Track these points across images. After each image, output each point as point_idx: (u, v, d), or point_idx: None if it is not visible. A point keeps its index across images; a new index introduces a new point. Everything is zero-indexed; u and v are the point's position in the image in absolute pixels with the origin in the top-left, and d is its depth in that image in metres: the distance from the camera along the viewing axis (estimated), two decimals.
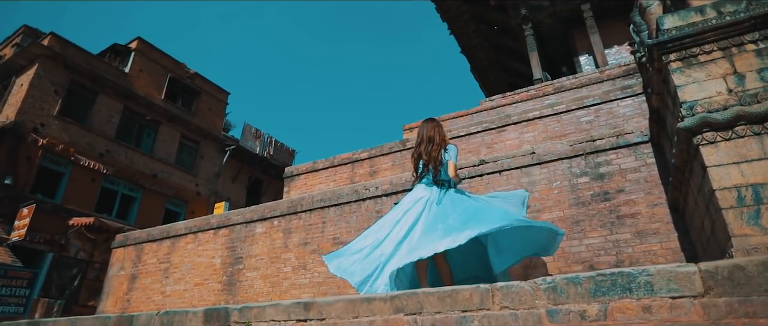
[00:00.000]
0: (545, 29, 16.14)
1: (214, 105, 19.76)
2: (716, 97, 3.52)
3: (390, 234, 3.45)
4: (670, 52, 3.76)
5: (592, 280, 1.84)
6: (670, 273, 1.73)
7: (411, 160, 3.93)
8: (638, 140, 5.45)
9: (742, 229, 3.16)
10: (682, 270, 1.72)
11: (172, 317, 2.92)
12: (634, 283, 1.77)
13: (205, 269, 8.24)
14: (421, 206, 3.54)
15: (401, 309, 2.19)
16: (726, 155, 3.35)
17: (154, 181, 16.99)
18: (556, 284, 1.91)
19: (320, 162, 10.59)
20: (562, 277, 1.92)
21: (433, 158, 3.66)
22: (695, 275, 1.69)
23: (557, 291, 1.90)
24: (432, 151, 3.69)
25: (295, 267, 7.22)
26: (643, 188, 5.26)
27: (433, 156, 3.69)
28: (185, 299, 8.28)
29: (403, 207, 3.59)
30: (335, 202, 7.29)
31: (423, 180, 3.73)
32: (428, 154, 3.69)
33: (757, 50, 3.52)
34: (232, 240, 8.11)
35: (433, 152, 3.68)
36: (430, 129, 3.74)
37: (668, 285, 1.72)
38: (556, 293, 1.90)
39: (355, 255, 3.53)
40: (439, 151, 3.66)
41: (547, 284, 1.93)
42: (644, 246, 5.06)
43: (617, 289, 1.78)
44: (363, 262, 3.45)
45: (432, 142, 3.65)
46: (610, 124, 7.95)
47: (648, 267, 1.78)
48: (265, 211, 7.93)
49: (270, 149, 21.74)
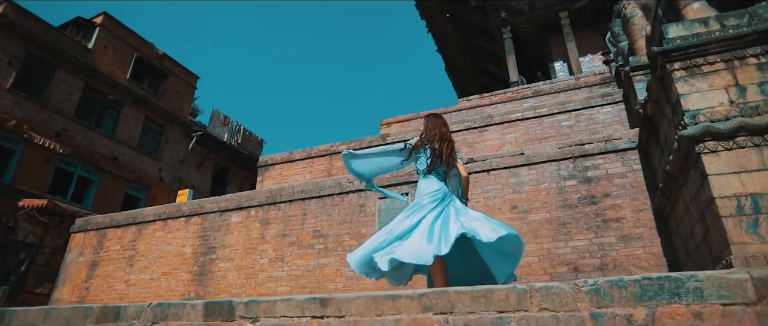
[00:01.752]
0: (522, 33, 16.40)
1: (182, 88, 18.99)
2: (718, 108, 3.60)
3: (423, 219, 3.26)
4: (674, 60, 3.82)
5: (638, 284, 1.80)
6: (721, 280, 1.71)
7: (415, 150, 3.74)
8: (626, 146, 5.56)
9: (741, 237, 3.24)
10: (733, 278, 1.70)
11: (166, 310, 2.71)
12: (682, 288, 1.74)
13: (175, 258, 7.87)
14: (442, 197, 3.43)
15: (430, 307, 2.09)
16: (727, 164, 3.43)
17: (115, 164, 16.16)
18: (599, 286, 1.86)
19: (297, 152, 10.35)
20: (605, 280, 1.87)
21: (448, 156, 3.56)
22: (747, 282, 1.68)
23: (600, 294, 1.85)
24: (448, 150, 3.59)
25: (273, 259, 7.00)
26: (629, 193, 5.37)
27: (449, 155, 3.59)
28: (151, 289, 7.89)
29: (428, 198, 3.40)
30: (317, 194, 7.11)
31: (433, 174, 3.62)
32: (445, 153, 3.58)
33: (759, 64, 3.62)
34: (205, 229, 7.78)
35: (449, 150, 3.59)
36: (442, 126, 3.64)
37: (718, 291, 1.70)
38: (599, 296, 1.85)
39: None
40: (453, 150, 3.58)
41: (589, 286, 1.88)
42: (628, 250, 5.17)
43: (665, 294, 1.75)
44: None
45: (446, 140, 3.56)
46: (589, 129, 8.12)
47: (697, 273, 1.75)
48: (241, 200, 7.65)
49: (238, 137, 21.14)
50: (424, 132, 3.62)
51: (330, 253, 6.65)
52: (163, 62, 18.41)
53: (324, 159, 10.02)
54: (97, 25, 16.60)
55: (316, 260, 6.69)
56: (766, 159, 3.36)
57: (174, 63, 18.89)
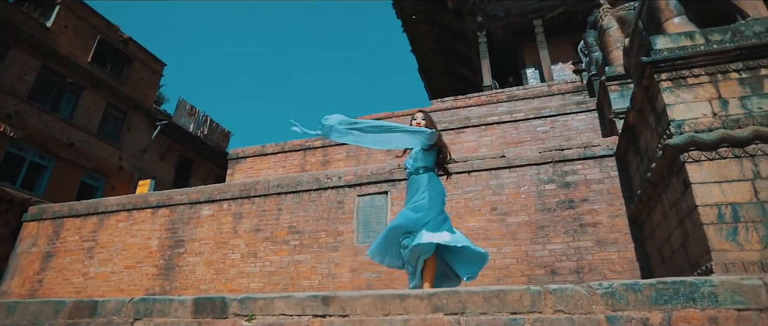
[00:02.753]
0: (497, 39, 16.65)
1: (147, 75, 18.20)
2: (702, 119, 3.73)
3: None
4: (662, 71, 3.93)
5: (653, 288, 1.81)
6: (735, 285, 1.74)
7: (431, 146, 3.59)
8: (604, 153, 5.70)
9: (721, 244, 3.36)
10: (747, 283, 1.73)
11: (150, 305, 2.54)
12: (697, 293, 1.76)
13: (139, 251, 7.52)
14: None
15: (440, 308, 2.04)
16: (709, 174, 3.55)
17: (71, 151, 15.31)
18: (614, 289, 1.86)
19: (270, 146, 10.12)
20: (620, 283, 1.87)
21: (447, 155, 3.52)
22: (761, 288, 1.71)
23: (616, 297, 1.85)
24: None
25: (245, 254, 6.79)
26: (606, 199, 5.51)
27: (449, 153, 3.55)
28: (112, 283, 7.51)
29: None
30: (294, 189, 6.95)
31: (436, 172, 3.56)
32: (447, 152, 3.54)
33: (740, 79, 3.77)
34: (173, 222, 7.47)
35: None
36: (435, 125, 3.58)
37: (733, 297, 1.73)
38: (615, 299, 1.85)
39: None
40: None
41: (604, 289, 1.88)
42: (603, 254, 5.30)
43: (680, 298, 1.77)
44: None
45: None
46: (564, 135, 8.31)
47: (711, 278, 1.78)
48: (213, 193, 7.38)
49: (204, 128, 20.49)
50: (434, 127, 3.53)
51: (305, 250, 6.52)
52: (128, 47, 17.62)
53: (298, 153, 9.84)
54: (57, 3, 15.69)
55: (291, 256, 6.54)
56: (745, 170, 3.50)
57: (140, 48, 18.11)
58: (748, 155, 3.51)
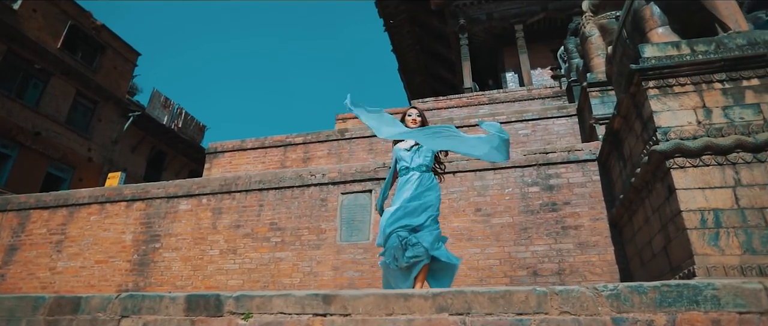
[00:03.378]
0: (478, 42, 16.82)
1: (120, 64, 17.60)
2: (687, 127, 3.83)
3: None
4: (650, 78, 4.03)
5: (658, 290, 1.84)
6: (736, 289, 1.78)
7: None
8: (587, 157, 5.81)
9: (703, 249, 3.46)
10: (748, 287, 1.78)
11: (139, 302, 2.43)
12: (700, 296, 1.80)
13: (112, 245, 7.26)
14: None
15: (445, 308, 2.03)
16: (693, 180, 3.66)
17: (37, 140, 14.68)
18: (619, 291, 1.88)
19: (249, 141, 9.94)
20: (625, 285, 1.90)
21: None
22: (761, 292, 1.76)
23: (621, 299, 1.87)
24: None
25: (224, 250, 6.65)
26: (588, 202, 5.62)
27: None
28: (82, 278, 7.23)
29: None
30: (276, 185, 6.84)
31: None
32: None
33: (723, 89, 3.90)
34: (149, 216, 7.25)
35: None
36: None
37: (735, 300, 1.77)
38: (620, 300, 1.87)
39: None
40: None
41: (610, 291, 1.90)
42: (584, 257, 5.40)
43: (684, 301, 1.80)
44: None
45: None
46: (545, 139, 8.45)
47: (714, 281, 1.82)
48: (192, 187, 7.20)
49: (179, 121, 19.99)
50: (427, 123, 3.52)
51: (287, 247, 6.42)
52: (100, 34, 17.01)
53: (278, 150, 9.70)
54: None
55: (272, 253, 6.43)
56: (727, 177, 3.62)
57: (113, 36, 17.51)
58: (730, 163, 3.63)
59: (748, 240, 3.41)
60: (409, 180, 3.13)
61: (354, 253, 6.16)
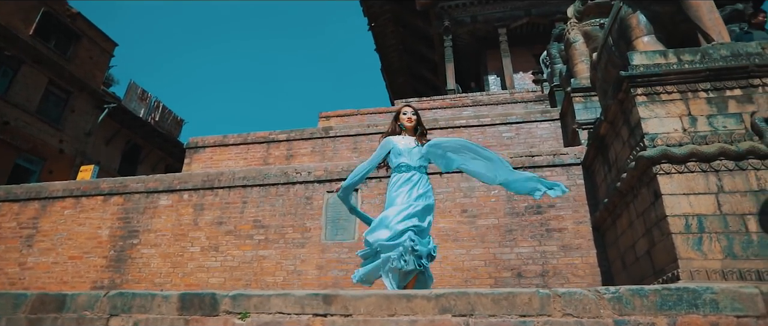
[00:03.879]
0: (462, 44, 16.95)
1: (96, 54, 17.06)
2: (673, 134, 3.93)
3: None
4: (638, 86, 4.12)
5: (658, 294, 1.87)
6: (734, 293, 1.83)
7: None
8: (571, 162, 5.91)
9: (687, 253, 3.55)
10: (746, 291, 1.83)
11: (129, 300, 2.34)
12: (699, 300, 1.84)
13: (87, 241, 7.04)
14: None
15: (448, 309, 2.02)
16: (678, 186, 3.75)
17: (5, 129, 14.11)
18: (621, 294, 1.91)
19: (231, 136, 9.77)
20: (627, 288, 1.92)
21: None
22: (758, 297, 1.81)
23: (622, 302, 1.90)
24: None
25: (205, 247, 6.51)
26: (572, 206, 5.71)
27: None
28: (54, 274, 6.98)
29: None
30: (260, 182, 6.74)
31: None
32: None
33: (708, 99, 4.01)
34: (128, 211, 7.05)
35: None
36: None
37: (732, 304, 1.82)
38: (622, 303, 1.90)
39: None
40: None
41: (611, 293, 1.92)
42: (567, 259, 5.49)
43: (683, 304, 1.84)
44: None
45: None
46: (528, 142, 8.56)
47: (712, 285, 1.86)
48: (173, 182, 7.03)
49: (156, 114, 19.51)
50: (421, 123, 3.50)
51: (271, 245, 6.33)
52: (76, 22, 16.46)
53: (261, 146, 9.56)
54: None
55: (255, 251, 6.33)
56: (710, 184, 3.72)
57: (89, 25, 16.97)
58: (714, 170, 3.74)
59: (729, 245, 3.52)
60: (411, 179, 3.09)
61: (339, 252, 6.11)
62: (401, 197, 3.00)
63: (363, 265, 3.09)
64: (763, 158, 3.70)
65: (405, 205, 2.93)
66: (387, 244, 2.83)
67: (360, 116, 11.72)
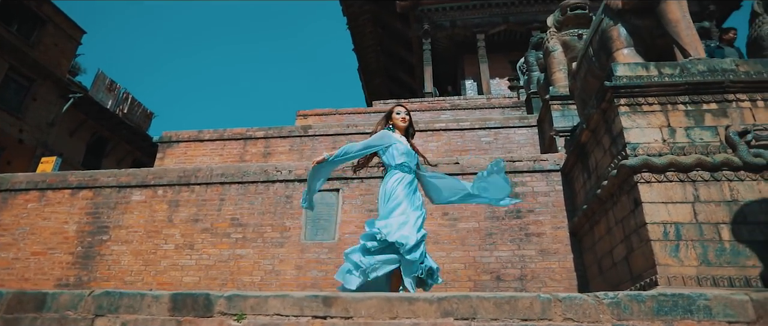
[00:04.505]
0: (440, 48, 17.09)
1: (62, 41, 16.34)
2: (653, 144, 4.07)
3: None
4: (622, 96, 4.24)
5: (655, 300, 1.92)
6: (726, 300, 1.90)
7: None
8: (551, 168, 6.03)
9: (665, 260, 3.68)
10: (736, 298, 1.90)
11: (116, 300, 2.24)
12: (693, 306, 1.90)
13: (52, 236, 6.73)
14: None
15: (450, 312, 2.02)
16: (658, 195, 3.88)
17: None
18: (620, 300, 1.96)
19: (207, 132, 9.56)
20: (625, 294, 1.97)
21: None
22: (748, 303, 1.89)
23: (621, 307, 1.94)
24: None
25: (180, 245, 6.33)
26: (550, 211, 5.84)
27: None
28: (14, 271, 6.65)
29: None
30: (239, 179, 6.60)
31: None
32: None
33: (686, 111, 4.17)
34: (97, 206, 6.78)
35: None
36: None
37: (724, 310, 1.89)
38: (620, 309, 1.94)
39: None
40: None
41: (610, 299, 1.97)
42: (545, 263, 5.60)
43: (679, 310, 1.90)
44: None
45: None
46: (506, 147, 8.70)
47: (705, 292, 1.93)
48: (147, 177, 6.80)
49: (124, 107, 18.86)
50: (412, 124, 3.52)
51: (248, 244, 6.21)
52: (41, 7, 15.75)
53: (237, 143, 9.38)
54: None
55: (232, 250, 6.20)
56: (687, 193, 3.87)
57: (56, 10, 16.26)
58: (691, 180, 3.89)
59: (704, 252, 3.66)
60: (412, 183, 3.10)
61: (318, 253, 6.05)
62: (408, 200, 2.98)
63: (371, 255, 2.83)
64: (736, 170, 3.87)
65: (419, 212, 2.93)
66: (411, 247, 2.75)
67: (338, 116, 11.65)
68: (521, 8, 15.44)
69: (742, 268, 3.57)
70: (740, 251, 3.62)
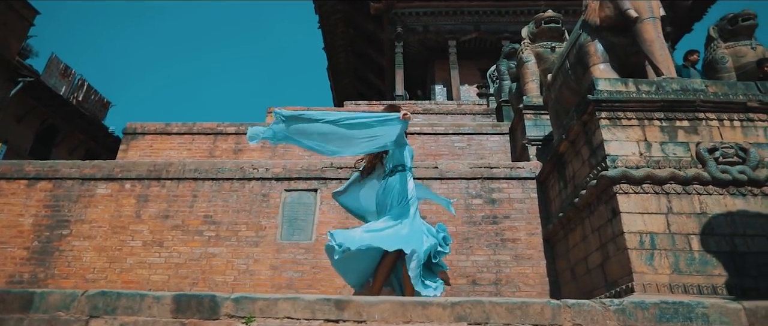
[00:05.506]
0: (411, 51, 17.22)
1: (12, 21, 15.32)
2: (631, 157, 4.26)
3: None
4: (603, 110, 4.42)
5: (657, 307, 2.02)
6: (722, 308, 2.02)
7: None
8: (527, 175, 6.21)
9: (641, 268, 3.86)
10: (731, 307, 2.03)
11: (113, 301, 2.12)
12: (693, 313, 2.01)
13: (5, 229, 6.30)
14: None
15: (464, 317, 2.05)
16: (635, 205, 4.07)
17: None
18: (625, 307, 2.04)
19: (175, 125, 9.23)
20: (630, 301, 2.06)
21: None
22: (741, 312, 2.02)
23: (626, 313, 2.03)
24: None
25: (148, 242, 6.08)
26: (526, 218, 6.00)
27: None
28: None
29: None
30: (214, 176, 6.41)
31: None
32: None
33: (661, 127, 4.40)
34: (57, 198, 6.40)
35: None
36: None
37: (721, 318, 2.01)
38: (625, 315, 2.03)
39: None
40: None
41: (616, 306, 2.05)
42: (519, 269, 5.76)
43: (679, 317, 2.00)
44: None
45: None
46: (478, 153, 8.88)
47: (703, 301, 2.05)
48: (114, 170, 6.49)
49: (79, 94, 17.89)
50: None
51: (222, 242, 6.04)
52: None
53: (207, 138, 9.11)
54: None
55: (204, 248, 6.01)
56: (662, 205, 4.08)
57: None
58: (665, 193, 4.11)
59: (676, 261, 3.87)
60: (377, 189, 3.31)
61: (295, 253, 5.96)
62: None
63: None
64: (705, 184, 4.12)
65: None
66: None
67: None
68: (492, 18, 15.81)
69: (710, 277, 3.80)
70: (708, 261, 3.86)
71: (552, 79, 7.08)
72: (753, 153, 4.19)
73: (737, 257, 3.86)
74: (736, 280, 3.77)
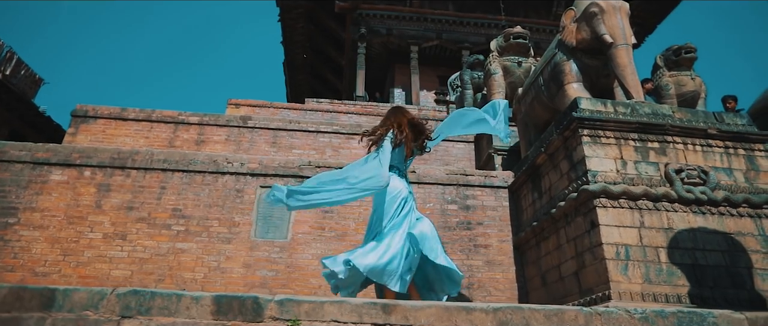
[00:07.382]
0: (373, 53, 17.26)
1: None
2: (609, 173, 4.58)
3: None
4: (585, 127, 4.72)
5: (675, 315, 2.22)
6: (729, 318, 2.25)
7: (374, 143, 3.74)
8: (500, 184, 6.46)
9: (617, 277, 4.16)
10: (736, 316, 2.27)
11: (147, 301, 1.98)
12: (704, 322, 2.23)
13: None
14: (409, 204, 3.51)
15: (505, 322, 2.13)
16: (612, 219, 4.38)
17: None
18: (647, 315, 2.22)
19: (131, 110, 8.71)
20: (652, 310, 2.24)
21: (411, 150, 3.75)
22: (744, 321, 2.26)
23: (649, 321, 2.21)
24: (413, 143, 3.75)
25: (109, 235, 5.70)
26: (498, 225, 6.25)
27: (411, 148, 3.76)
28: None
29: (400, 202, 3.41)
30: (184, 168, 6.12)
31: (394, 170, 3.66)
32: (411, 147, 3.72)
33: (635, 147, 4.76)
34: (3, 183, 5.84)
35: (412, 144, 3.75)
36: (412, 118, 3.79)
37: None
38: (648, 322, 2.21)
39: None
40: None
41: (640, 314, 2.23)
42: (491, 274, 5.98)
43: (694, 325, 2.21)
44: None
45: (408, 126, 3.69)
46: (443, 159, 9.10)
47: (713, 311, 2.27)
48: (72, 155, 6.02)
49: (8, 67, 16.29)
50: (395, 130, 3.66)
51: (191, 237, 5.79)
52: None
53: (167, 126, 8.66)
54: None
55: (172, 243, 5.73)
56: (635, 219, 4.42)
57: None
58: (638, 208, 4.45)
59: (646, 272, 4.21)
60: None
61: (269, 251, 5.83)
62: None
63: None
64: (672, 202, 4.51)
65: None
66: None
67: (273, 109, 11.27)
68: (454, 27, 16.22)
69: (675, 287, 4.17)
70: (674, 272, 4.23)
71: (523, 93, 7.42)
72: (712, 175, 4.64)
73: (698, 269, 4.26)
74: (697, 290, 4.16)
